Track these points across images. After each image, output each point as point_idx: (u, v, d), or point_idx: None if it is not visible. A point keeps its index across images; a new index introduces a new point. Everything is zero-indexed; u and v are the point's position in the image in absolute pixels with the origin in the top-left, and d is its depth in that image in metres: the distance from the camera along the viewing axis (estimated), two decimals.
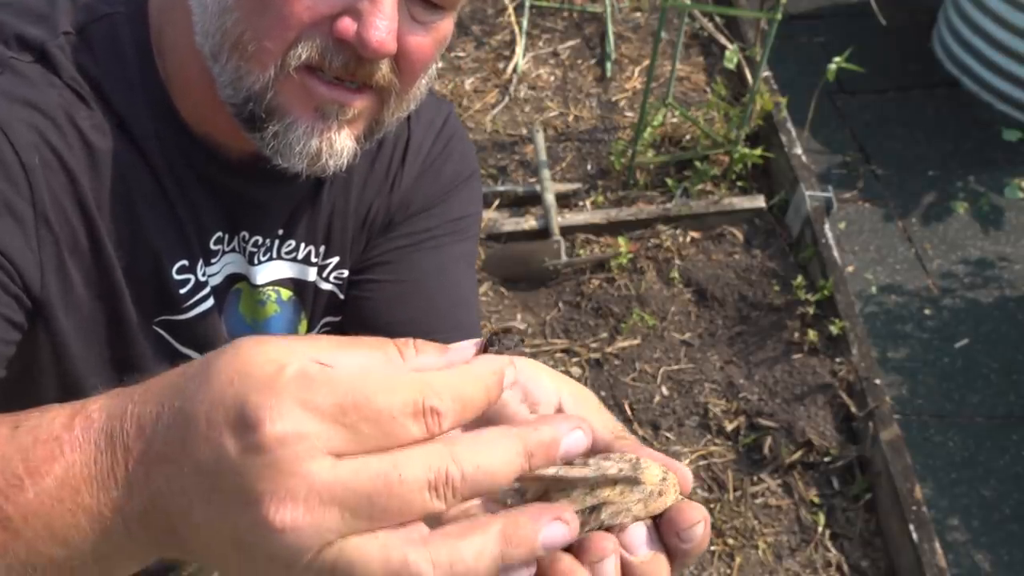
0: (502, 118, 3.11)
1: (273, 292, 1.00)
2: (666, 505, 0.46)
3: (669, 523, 0.45)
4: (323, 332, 1.10)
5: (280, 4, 0.73)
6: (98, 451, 0.42)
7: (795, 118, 2.91)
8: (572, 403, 0.52)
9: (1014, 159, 3.08)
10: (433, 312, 1.02)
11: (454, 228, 1.05)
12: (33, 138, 0.77)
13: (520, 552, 0.40)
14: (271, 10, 0.74)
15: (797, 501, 2.20)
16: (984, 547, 2.16)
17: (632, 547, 0.45)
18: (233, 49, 0.76)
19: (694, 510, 0.46)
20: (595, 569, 0.43)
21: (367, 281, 1.03)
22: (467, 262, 1.08)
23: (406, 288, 1.02)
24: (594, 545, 0.44)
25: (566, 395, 0.52)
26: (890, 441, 2.15)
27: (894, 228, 2.92)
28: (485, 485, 0.40)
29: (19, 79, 0.78)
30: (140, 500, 0.41)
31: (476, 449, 0.40)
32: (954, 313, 2.67)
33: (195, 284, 0.92)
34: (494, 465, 0.40)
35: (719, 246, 2.71)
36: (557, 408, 0.51)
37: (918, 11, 3.68)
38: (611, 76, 3.28)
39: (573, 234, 2.71)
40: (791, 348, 2.45)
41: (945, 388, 2.48)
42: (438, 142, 1.03)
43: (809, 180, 2.70)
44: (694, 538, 0.45)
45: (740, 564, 2.08)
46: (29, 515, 0.42)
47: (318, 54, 0.75)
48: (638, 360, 2.45)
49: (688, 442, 2.31)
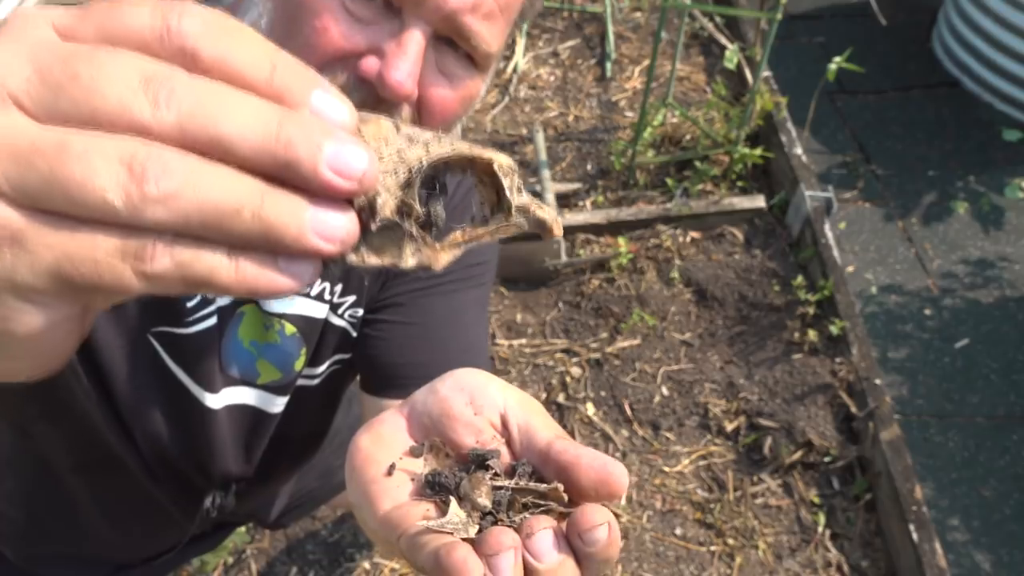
0: (502, 118, 3.11)
1: (278, 323, 1.00)
2: (496, 156, 0.40)
3: (572, 525, 0.44)
4: (333, 369, 1.11)
5: (308, 34, 0.73)
6: None
7: (795, 118, 2.91)
8: (517, 409, 0.51)
9: (1014, 159, 3.08)
10: (443, 356, 1.02)
11: (469, 274, 1.05)
12: None
13: (298, 154, 0.32)
14: (299, 38, 0.74)
15: (797, 501, 2.20)
16: (984, 547, 2.16)
17: (538, 553, 0.43)
18: None
19: (597, 512, 0.44)
20: (491, 563, 0.41)
21: (379, 321, 1.04)
22: (480, 307, 1.09)
23: (417, 331, 1.03)
24: (491, 539, 0.41)
25: (511, 402, 0.52)
26: (890, 441, 2.15)
27: (894, 228, 2.92)
28: (214, 103, 0.32)
29: None
30: None
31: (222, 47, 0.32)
32: (954, 313, 2.67)
33: (202, 300, 0.92)
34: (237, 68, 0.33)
35: (719, 246, 2.71)
36: (501, 413, 0.51)
37: (918, 11, 3.68)
38: (611, 76, 3.28)
39: (573, 234, 2.71)
40: (791, 348, 2.45)
41: (945, 388, 2.48)
42: (460, 188, 1.02)
43: (809, 180, 2.70)
44: (597, 541, 0.43)
45: (740, 564, 2.08)
46: None
47: (339, 86, 0.75)
48: (638, 360, 2.45)
49: (688, 442, 2.31)
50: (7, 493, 1.14)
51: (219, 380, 1.01)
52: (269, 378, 1.05)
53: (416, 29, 0.73)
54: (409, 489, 0.48)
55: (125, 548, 1.29)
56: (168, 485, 1.14)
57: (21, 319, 0.33)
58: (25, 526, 1.18)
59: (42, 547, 1.24)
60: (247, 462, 1.16)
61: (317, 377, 1.10)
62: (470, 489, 0.46)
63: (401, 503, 0.48)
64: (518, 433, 0.50)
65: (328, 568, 2.07)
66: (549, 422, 0.51)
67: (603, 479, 0.46)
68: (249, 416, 1.09)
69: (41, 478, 1.11)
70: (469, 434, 0.51)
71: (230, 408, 1.06)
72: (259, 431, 1.12)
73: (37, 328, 0.34)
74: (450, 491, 0.47)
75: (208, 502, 1.22)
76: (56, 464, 1.07)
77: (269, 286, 0.33)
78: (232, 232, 0.32)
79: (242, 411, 1.08)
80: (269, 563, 2.07)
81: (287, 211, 0.32)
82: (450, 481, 0.48)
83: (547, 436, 0.49)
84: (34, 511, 1.15)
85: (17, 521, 1.17)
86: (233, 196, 0.31)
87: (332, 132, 0.33)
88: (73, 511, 1.15)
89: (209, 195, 0.31)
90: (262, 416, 1.10)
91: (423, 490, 0.49)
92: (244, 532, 2.08)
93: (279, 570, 2.07)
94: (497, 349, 2.50)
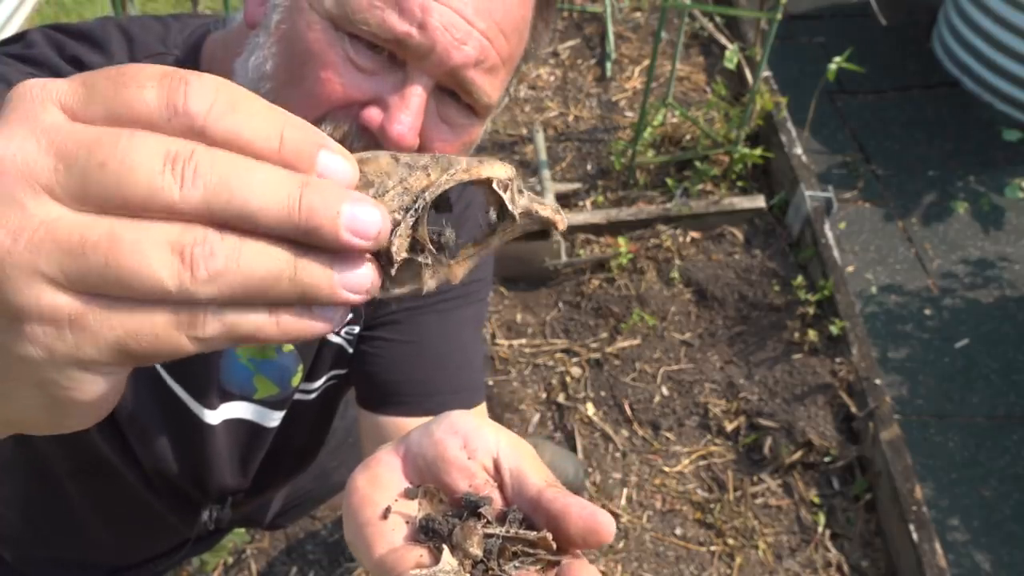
0: (502, 118, 3.11)
1: None
2: (492, 171, 0.41)
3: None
4: (329, 384, 1.11)
5: (312, 82, 0.74)
6: None
7: (795, 118, 2.91)
8: (509, 452, 0.53)
9: (1014, 159, 3.08)
10: (438, 373, 1.04)
11: (464, 292, 1.07)
12: None
13: (317, 224, 0.34)
14: (304, 85, 0.75)
15: (797, 501, 2.20)
16: (984, 547, 2.16)
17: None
18: None
19: (584, 570, 0.46)
20: None
21: (375, 338, 1.05)
22: (475, 325, 1.10)
23: (412, 349, 1.04)
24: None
25: (504, 445, 0.53)
26: (890, 441, 2.15)
27: (894, 228, 2.92)
28: (235, 177, 0.34)
29: None
30: None
31: (233, 125, 0.34)
32: (954, 313, 2.67)
33: None
34: (249, 143, 0.35)
35: (719, 246, 2.71)
36: (494, 457, 0.53)
37: (918, 11, 3.68)
38: (611, 76, 3.28)
39: (573, 234, 2.71)
40: (791, 348, 2.45)
41: (945, 388, 2.48)
42: (456, 207, 1.04)
43: (809, 180, 2.70)
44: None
45: (740, 564, 2.08)
46: None
47: (341, 136, 0.76)
48: (638, 360, 2.45)
49: (688, 442, 2.31)
50: (5, 497, 1.14)
51: (217, 396, 1.02)
52: (266, 393, 1.06)
53: (419, 84, 0.74)
54: (403, 533, 0.49)
55: (122, 552, 1.29)
56: (167, 498, 1.15)
57: (85, 388, 0.36)
58: (23, 529, 1.18)
59: (40, 550, 1.24)
60: (243, 475, 1.16)
61: (313, 392, 1.11)
62: (462, 538, 0.47)
63: (396, 547, 0.49)
64: (510, 478, 0.52)
65: (328, 568, 2.07)
66: (540, 467, 0.52)
67: (592, 528, 0.47)
68: (246, 430, 1.09)
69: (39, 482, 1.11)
70: (463, 478, 0.52)
71: (227, 423, 1.06)
72: (256, 445, 1.12)
73: (99, 394, 0.36)
74: (443, 538, 0.48)
75: (206, 515, 1.22)
76: (54, 469, 1.08)
77: (307, 331, 0.36)
78: (272, 297, 0.35)
79: (239, 425, 1.08)
80: (269, 563, 2.07)
81: (318, 274, 0.35)
82: (443, 528, 0.49)
83: (538, 483, 0.50)
84: (32, 515, 1.16)
85: (15, 524, 1.17)
86: (270, 268, 0.34)
87: (345, 195, 0.35)
88: (71, 515, 1.15)
89: (250, 270, 0.34)
90: (259, 430, 1.10)
91: (417, 535, 0.49)
92: (244, 532, 2.08)
93: (279, 570, 2.07)
94: (497, 349, 2.50)
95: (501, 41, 0.76)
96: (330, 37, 0.74)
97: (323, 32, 0.74)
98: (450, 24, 0.73)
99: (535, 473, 0.51)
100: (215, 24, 0.90)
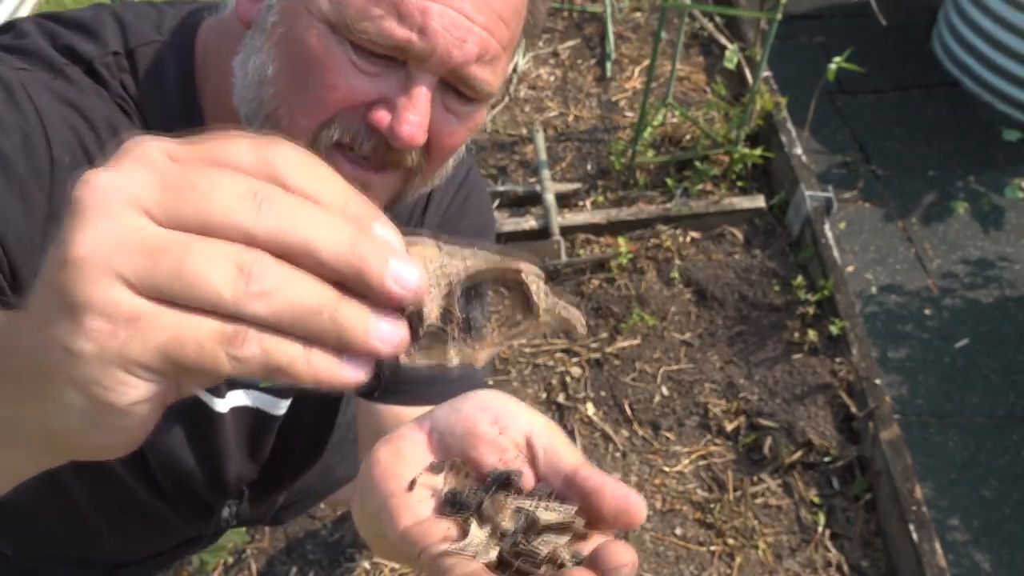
0: (502, 118, 3.11)
1: None
2: (523, 266, 0.46)
3: (598, 562, 0.46)
4: None
5: (318, 86, 0.75)
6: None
7: (795, 118, 2.91)
8: (543, 430, 0.54)
9: (1014, 159, 3.08)
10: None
11: None
12: (70, 138, 0.78)
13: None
14: (309, 90, 0.75)
15: (797, 501, 2.20)
16: (984, 547, 2.16)
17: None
18: (267, 119, 0.78)
19: (623, 552, 0.46)
20: None
21: None
22: None
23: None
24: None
25: (537, 424, 0.54)
26: (890, 441, 2.15)
27: (894, 228, 2.92)
28: (303, 214, 0.38)
29: (70, 85, 0.80)
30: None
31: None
32: (954, 313, 2.67)
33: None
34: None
35: (719, 246, 2.71)
36: (527, 434, 0.54)
37: (918, 11, 3.68)
38: (611, 76, 3.28)
39: (573, 234, 2.71)
40: (791, 348, 2.45)
41: (945, 388, 2.48)
42: (458, 196, 1.04)
43: (809, 180, 2.70)
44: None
45: (740, 564, 2.08)
46: None
47: (350, 137, 0.77)
48: (638, 360, 2.45)
49: (688, 442, 2.31)
50: (9, 495, 1.14)
51: (224, 384, 1.02)
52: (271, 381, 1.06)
53: (423, 84, 0.75)
54: (430, 505, 0.50)
55: (126, 549, 1.30)
56: (182, 508, 1.15)
57: (124, 391, 0.38)
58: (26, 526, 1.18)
59: (43, 546, 1.24)
60: (254, 463, 1.17)
61: None
62: (493, 512, 0.47)
63: (422, 519, 0.49)
64: (544, 454, 0.53)
65: (328, 568, 2.07)
66: (574, 447, 0.54)
67: (625, 508, 0.49)
68: (253, 418, 1.10)
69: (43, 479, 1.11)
70: (493, 452, 0.53)
71: (235, 411, 1.07)
72: (264, 433, 1.13)
73: (134, 400, 0.38)
74: (470, 511, 0.49)
75: (226, 512, 1.22)
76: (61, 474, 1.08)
77: (333, 377, 0.39)
78: (310, 328, 0.38)
79: (246, 413, 1.08)
80: (269, 563, 2.07)
81: (356, 316, 0.39)
82: (471, 501, 0.49)
83: (574, 461, 0.52)
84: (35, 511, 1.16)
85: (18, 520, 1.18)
86: (315, 299, 0.38)
87: (394, 251, 0.39)
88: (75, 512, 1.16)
89: (297, 297, 0.37)
90: (266, 418, 1.11)
91: (443, 508, 0.50)
92: (244, 532, 2.08)
93: (279, 570, 2.07)
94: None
95: (501, 29, 0.76)
96: (330, 42, 0.73)
97: (323, 37, 0.73)
98: (451, 24, 0.72)
99: (570, 452, 0.52)
100: (208, 10, 0.90)
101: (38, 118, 0.76)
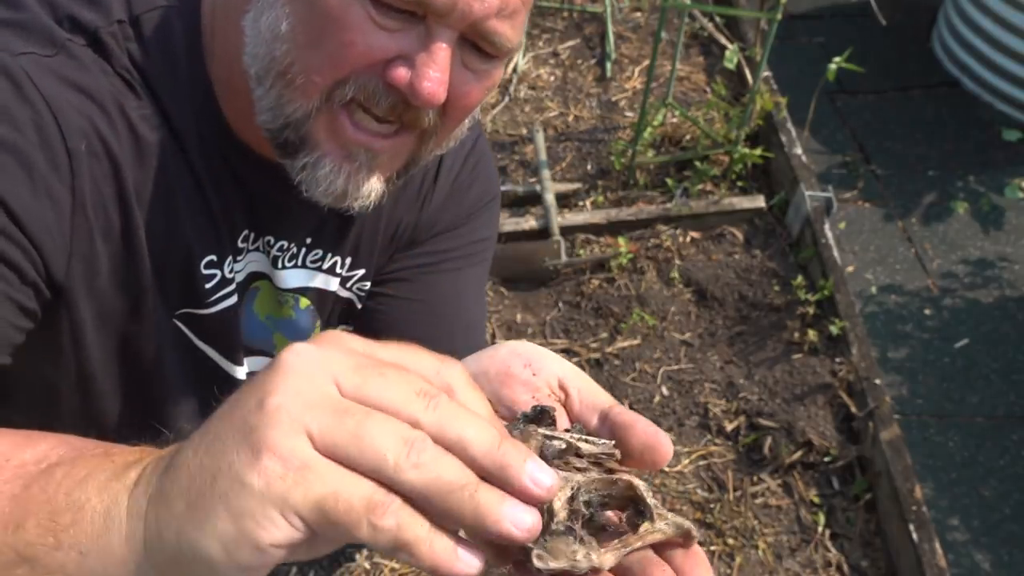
0: (502, 118, 3.11)
1: (292, 298, 1.00)
2: (636, 479, 0.50)
3: (678, 573, 0.51)
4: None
5: (335, 43, 0.73)
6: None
7: (795, 118, 2.91)
8: (575, 375, 0.58)
9: (1014, 159, 3.08)
10: (444, 334, 1.04)
11: (472, 251, 1.07)
12: (83, 124, 0.77)
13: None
14: (325, 47, 0.73)
15: (797, 501, 2.20)
16: (984, 547, 2.16)
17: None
18: (279, 77, 0.76)
19: (702, 568, 0.51)
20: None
21: (383, 295, 1.05)
22: (480, 285, 1.11)
23: (420, 308, 1.05)
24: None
25: (568, 369, 0.58)
26: (890, 441, 2.15)
27: (894, 228, 2.92)
28: (463, 416, 0.44)
29: (73, 62, 0.78)
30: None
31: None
32: (954, 313, 2.67)
33: (221, 279, 0.92)
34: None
35: (719, 246, 2.71)
36: (560, 377, 0.58)
37: (918, 11, 3.68)
38: (611, 76, 3.28)
39: (573, 234, 2.71)
40: (791, 348, 2.45)
41: (945, 388, 2.48)
42: (467, 164, 1.04)
43: (809, 180, 2.70)
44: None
45: (740, 564, 2.08)
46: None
47: (366, 95, 0.75)
48: (638, 360, 2.45)
49: (688, 442, 2.31)
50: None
51: (242, 351, 1.02)
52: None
53: (443, 40, 0.73)
54: None
55: None
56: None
57: (272, 530, 0.42)
58: None
59: None
60: None
61: None
62: (521, 440, 0.49)
63: None
64: (578, 394, 0.57)
65: (328, 568, 2.07)
66: (604, 394, 0.58)
67: (653, 444, 0.54)
68: None
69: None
70: (526, 392, 0.57)
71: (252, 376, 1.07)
72: None
73: (277, 542, 0.42)
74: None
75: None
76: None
77: (448, 565, 0.43)
78: (450, 503, 0.42)
79: None
80: None
81: (494, 498, 0.43)
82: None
83: (608, 399, 0.56)
84: None
85: None
86: (459, 477, 0.43)
87: (533, 456, 0.45)
88: None
89: (445, 471, 0.43)
90: None
91: None
92: None
93: (279, 570, 2.07)
94: None
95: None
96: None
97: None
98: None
99: (602, 393, 0.57)
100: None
101: (48, 109, 0.74)
